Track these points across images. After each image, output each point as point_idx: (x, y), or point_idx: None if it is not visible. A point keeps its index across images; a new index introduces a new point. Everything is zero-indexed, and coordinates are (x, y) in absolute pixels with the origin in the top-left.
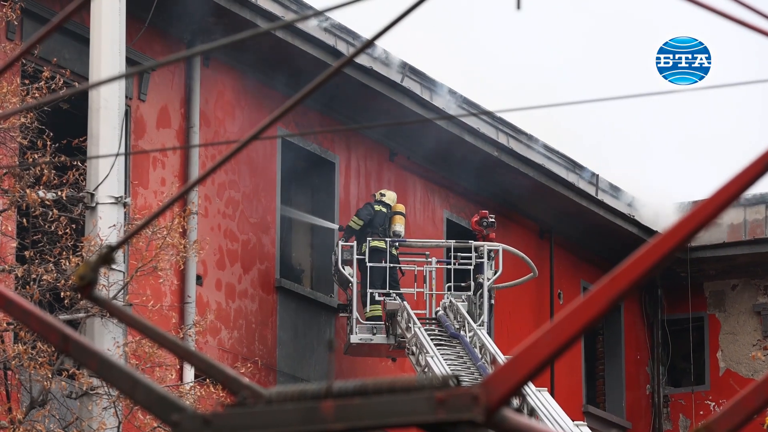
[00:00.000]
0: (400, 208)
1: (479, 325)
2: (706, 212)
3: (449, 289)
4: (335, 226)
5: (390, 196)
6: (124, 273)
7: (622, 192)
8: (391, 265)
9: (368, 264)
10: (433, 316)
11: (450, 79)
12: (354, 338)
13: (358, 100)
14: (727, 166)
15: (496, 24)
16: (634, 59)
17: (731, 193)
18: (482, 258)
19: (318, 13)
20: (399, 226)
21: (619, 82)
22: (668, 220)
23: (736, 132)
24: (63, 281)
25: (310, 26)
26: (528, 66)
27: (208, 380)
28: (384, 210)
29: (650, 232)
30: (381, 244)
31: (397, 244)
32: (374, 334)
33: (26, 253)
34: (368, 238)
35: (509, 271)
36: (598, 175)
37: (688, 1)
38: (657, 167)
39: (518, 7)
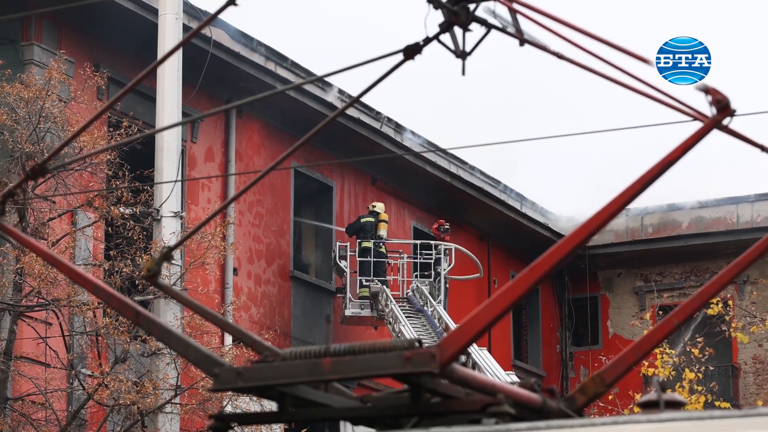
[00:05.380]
0: (385, 217)
1: (438, 303)
2: (598, 221)
3: (416, 276)
4: (342, 229)
5: (379, 206)
6: (180, 267)
7: (539, 206)
8: (376, 259)
9: (358, 259)
10: (405, 296)
11: (415, 124)
12: (347, 312)
13: (349, 141)
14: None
15: (448, 82)
16: (558, 103)
17: (616, 207)
18: (440, 254)
19: (319, 78)
20: (383, 231)
21: (540, 122)
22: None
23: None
24: (137, 273)
25: (314, 88)
26: (473, 112)
27: (241, 344)
28: (372, 220)
29: (559, 235)
30: (369, 245)
31: (381, 244)
32: (362, 309)
33: (111, 252)
34: (358, 240)
35: (460, 264)
36: (522, 194)
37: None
38: (570, 186)
39: (463, 73)
